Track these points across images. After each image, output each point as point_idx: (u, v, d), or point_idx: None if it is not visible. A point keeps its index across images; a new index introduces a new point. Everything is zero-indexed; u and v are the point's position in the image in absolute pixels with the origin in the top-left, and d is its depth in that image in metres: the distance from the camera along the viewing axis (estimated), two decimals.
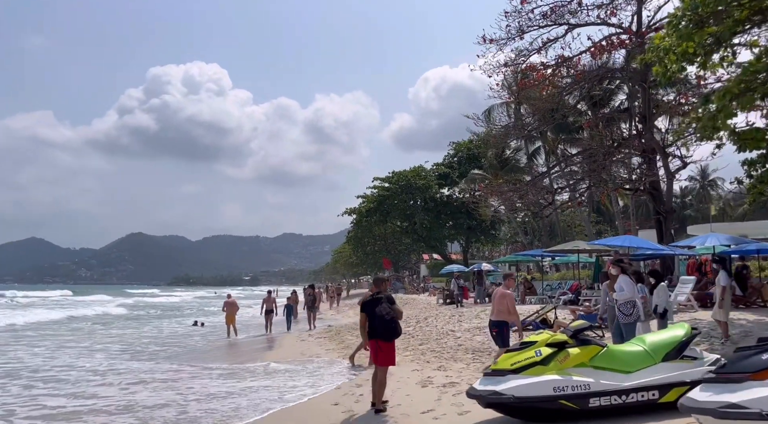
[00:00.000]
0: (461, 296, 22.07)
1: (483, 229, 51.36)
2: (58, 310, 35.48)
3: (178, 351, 15.24)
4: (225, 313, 18.80)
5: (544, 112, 23.41)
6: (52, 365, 12.42)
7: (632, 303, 7.71)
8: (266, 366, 11.17)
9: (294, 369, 10.64)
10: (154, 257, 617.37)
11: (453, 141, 52.96)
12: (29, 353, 14.60)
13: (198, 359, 13.22)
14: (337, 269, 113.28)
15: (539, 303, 17.78)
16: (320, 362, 11.32)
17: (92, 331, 22.26)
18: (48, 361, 13.07)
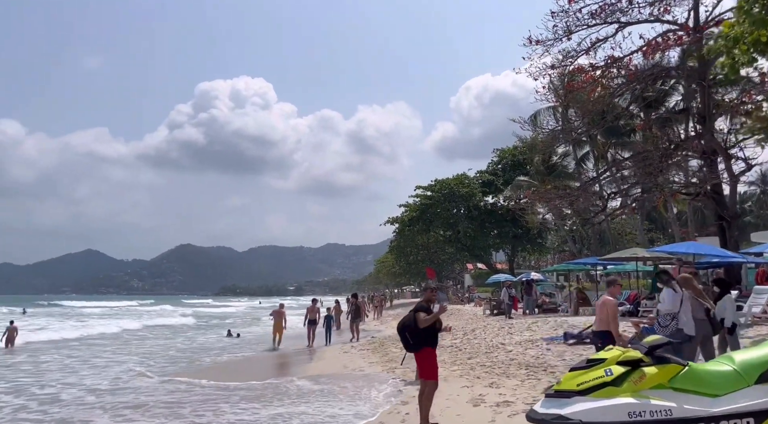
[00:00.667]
0: (512, 307, 21.20)
1: (529, 237, 50.08)
2: (135, 319, 37.03)
3: (204, 365, 14.90)
4: (273, 322, 18.81)
5: (593, 116, 22.54)
6: (60, 380, 12.00)
7: (671, 315, 7.41)
8: (290, 382, 10.46)
9: (330, 390, 9.68)
10: (203, 268, 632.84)
11: (497, 148, 52.08)
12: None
13: (220, 374, 12.52)
14: (380, 278, 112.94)
15: (594, 315, 16.86)
16: (362, 377, 10.73)
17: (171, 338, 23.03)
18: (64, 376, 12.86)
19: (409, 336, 6.46)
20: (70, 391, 10.70)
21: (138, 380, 11.89)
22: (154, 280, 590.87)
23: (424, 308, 6.55)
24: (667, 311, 7.46)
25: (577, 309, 18.97)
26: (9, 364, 15.24)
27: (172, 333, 26.89)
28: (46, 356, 17.12)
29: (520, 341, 12.72)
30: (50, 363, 15.31)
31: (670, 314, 7.42)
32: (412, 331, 6.41)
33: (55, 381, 11.93)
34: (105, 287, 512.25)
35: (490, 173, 49.96)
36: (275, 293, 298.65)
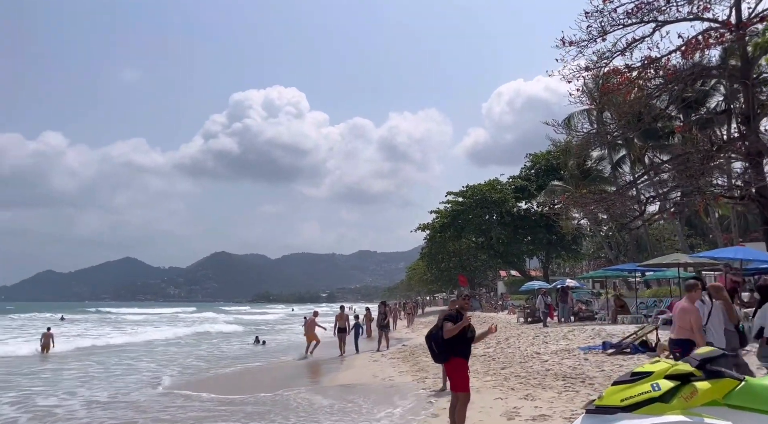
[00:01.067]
0: (547, 315, 20.59)
1: (564, 244, 49.05)
2: (184, 326, 37.87)
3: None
4: (305, 329, 18.73)
5: (630, 118, 21.90)
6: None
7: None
8: (307, 392, 10.03)
9: (349, 408, 8.77)
10: (237, 275, 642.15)
11: (530, 153, 51.26)
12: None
13: (230, 385, 12.20)
14: (412, 285, 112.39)
15: (634, 323, 16.22)
16: (391, 387, 10.32)
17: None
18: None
19: (435, 346, 6.16)
20: (68, 403, 10.39)
21: (139, 392, 11.48)
22: (189, 287, 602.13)
23: (452, 316, 6.16)
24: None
25: (616, 317, 18.29)
26: (31, 371, 15.26)
27: (219, 340, 27.12)
28: (72, 363, 17.13)
29: (557, 351, 12.26)
30: (71, 371, 15.17)
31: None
32: (438, 340, 6.10)
33: (62, 391, 11.69)
34: (142, 294, 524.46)
35: (523, 179, 49.17)
36: (308, 300, 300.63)
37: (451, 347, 6.03)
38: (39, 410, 9.91)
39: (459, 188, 50.32)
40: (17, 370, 15.52)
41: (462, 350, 6.12)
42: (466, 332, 6.15)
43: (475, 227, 48.48)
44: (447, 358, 6.14)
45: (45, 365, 17.11)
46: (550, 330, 17.18)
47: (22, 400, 10.89)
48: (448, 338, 5.97)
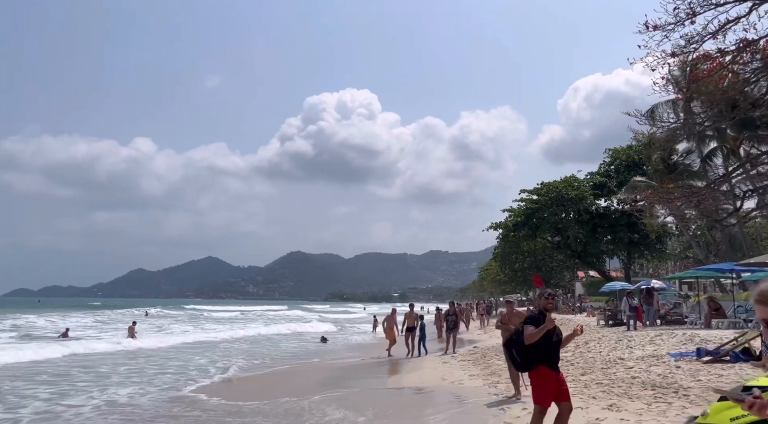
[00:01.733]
0: (635, 318, 19.01)
1: (647, 243, 46.27)
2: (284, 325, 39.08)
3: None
4: (384, 328, 18.52)
5: (722, 107, 20.11)
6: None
7: None
8: (319, 403, 9.03)
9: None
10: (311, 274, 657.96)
11: (609, 148, 48.75)
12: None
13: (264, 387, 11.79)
14: (484, 286, 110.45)
15: (731, 328, 14.75)
16: (460, 391, 9.66)
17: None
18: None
19: (516, 353, 5.44)
20: (92, 402, 10.19)
21: (152, 395, 10.92)
22: (267, 285, 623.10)
23: (534, 318, 5.39)
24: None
25: (710, 321, 16.74)
26: (91, 366, 15.23)
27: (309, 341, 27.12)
28: (135, 360, 17.21)
29: (643, 357, 11.24)
30: (127, 367, 15.22)
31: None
32: (520, 347, 5.37)
33: (98, 388, 11.60)
34: (223, 291, 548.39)
35: (602, 175, 46.80)
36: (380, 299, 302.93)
37: (534, 353, 5.30)
38: (60, 408, 9.68)
39: (533, 186, 48.47)
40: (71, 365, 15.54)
41: (547, 356, 5.38)
42: (551, 335, 5.39)
43: (550, 225, 46.58)
44: (530, 366, 5.40)
45: (116, 359, 17.30)
46: (634, 334, 15.96)
47: (56, 394, 10.91)
48: (530, 343, 5.25)
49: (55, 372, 14.06)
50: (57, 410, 9.57)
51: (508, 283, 77.23)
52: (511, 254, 60.64)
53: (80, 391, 11.41)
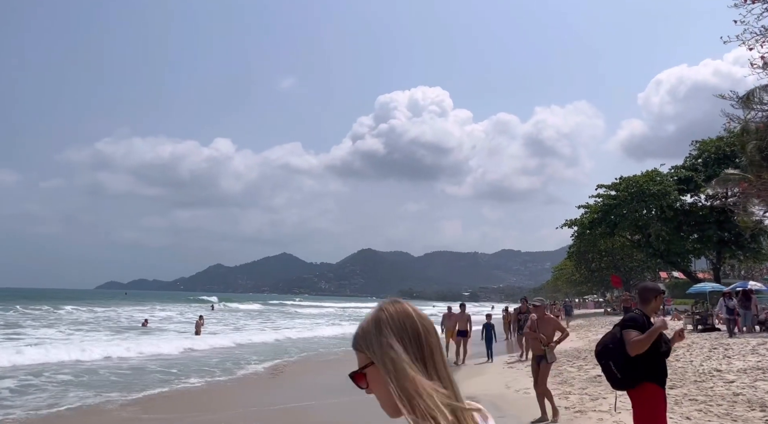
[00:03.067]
0: (734, 322, 16.88)
1: (740, 242, 42.49)
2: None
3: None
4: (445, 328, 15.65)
5: None
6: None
7: None
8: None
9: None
10: (381, 272, 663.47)
11: (696, 140, 45.13)
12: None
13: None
14: (559, 286, 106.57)
15: None
16: (520, 403, 8.46)
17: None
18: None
19: (614, 366, 4.12)
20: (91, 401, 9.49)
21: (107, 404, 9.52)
22: (339, 282, 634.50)
23: (636, 321, 4.13)
24: None
25: None
26: (133, 367, 14.16)
27: None
28: (174, 361, 15.79)
29: (745, 369, 9.64)
30: (150, 372, 13.58)
31: None
32: (618, 358, 4.09)
33: (103, 390, 10.78)
34: (297, 287, 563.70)
35: (687, 169, 43.34)
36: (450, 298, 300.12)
37: (639, 366, 4.05)
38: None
39: (611, 181, 45.59)
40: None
41: (655, 370, 4.13)
42: (659, 343, 4.15)
43: (630, 222, 43.61)
44: (634, 382, 4.10)
45: (160, 359, 15.83)
46: (731, 342, 14.10)
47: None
48: (637, 353, 4.02)
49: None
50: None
51: (584, 283, 74.22)
52: (587, 253, 57.75)
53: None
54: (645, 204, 43.03)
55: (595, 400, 7.64)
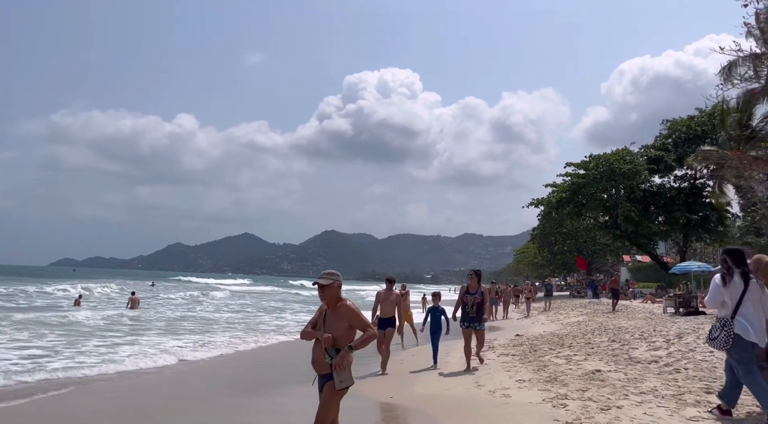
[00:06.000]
0: None
1: (706, 225, 41.66)
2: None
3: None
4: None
5: None
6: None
7: (721, 321, 5.18)
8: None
9: None
10: (345, 254, 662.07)
11: (667, 119, 43.88)
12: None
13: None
14: (520, 270, 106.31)
15: None
16: (502, 415, 5.91)
17: None
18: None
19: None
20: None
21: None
22: (301, 263, 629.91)
23: None
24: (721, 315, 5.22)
25: None
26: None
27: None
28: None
29: None
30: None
31: (721, 319, 5.20)
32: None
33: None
34: (259, 267, 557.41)
35: (658, 148, 42.04)
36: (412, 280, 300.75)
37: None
38: None
39: (580, 159, 43.98)
40: None
41: None
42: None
43: (598, 202, 42.10)
44: None
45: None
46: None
47: None
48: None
49: None
50: None
51: (546, 266, 73.34)
52: (551, 235, 56.53)
53: None
54: (614, 184, 41.55)
55: (607, 411, 5.30)
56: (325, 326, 4.14)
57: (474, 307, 8.95)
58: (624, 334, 12.20)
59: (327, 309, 4.21)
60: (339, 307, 4.15)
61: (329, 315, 4.19)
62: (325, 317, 4.22)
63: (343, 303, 4.18)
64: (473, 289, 9.07)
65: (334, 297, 4.18)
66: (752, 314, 4.99)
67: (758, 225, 48.46)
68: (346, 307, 4.15)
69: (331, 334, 4.02)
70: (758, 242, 47.62)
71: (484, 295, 9.11)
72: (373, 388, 7.89)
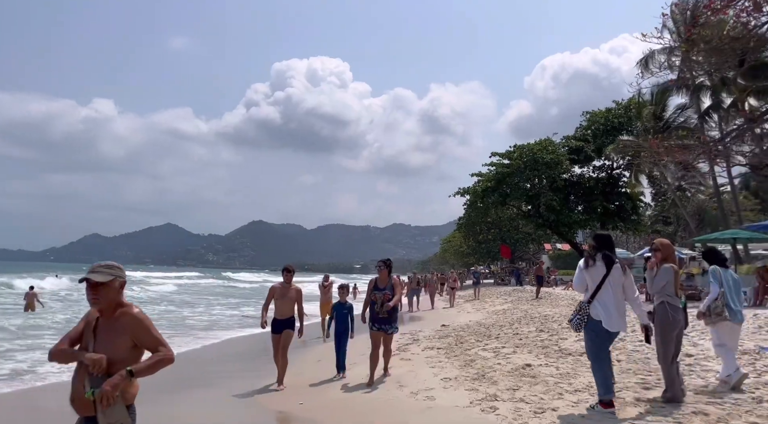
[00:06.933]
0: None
1: (622, 214, 43.36)
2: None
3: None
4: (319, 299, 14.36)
5: (729, 55, 16.48)
6: None
7: (580, 304, 5.21)
8: None
9: None
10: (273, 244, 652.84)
11: (587, 111, 45.19)
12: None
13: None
14: (446, 259, 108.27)
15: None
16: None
17: None
18: None
19: None
20: None
21: None
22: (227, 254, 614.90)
23: None
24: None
25: (762, 298, 13.04)
26: None
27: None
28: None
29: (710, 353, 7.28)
30: None
31: (581, 302, 5.20)
32: None
33: None
34: (183, 259, 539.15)
35: (578, 139, 43.20)
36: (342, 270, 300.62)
37: None
38: None
39: (505, 149, 44.62)
40: None
41: None
42: None
43: (522, 192, 42.88)
44: None
45: None
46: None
47: None
48: None
49: None
50: None
51: (471, 255, 74.76)
52: (476, 224, 57.45)
53: None
54: (537, 173, 42.38)
55: (541, 414, 4.69)
56: (95, 344, 2.81)
57: (383, 305, 7.29)
58: (551, 323, 11.93)
59: (100, 318, 2.89)
60: (119, 316, 2.86)
61: (102, 327, 2.86)
62: (96, 329, 2.85)
63: (126, 311, 2.89)
64: (383, 283, 7.45)
65: (113, 301, 2.86)
66: (610, 299, 4.94)
67: (666, 214, 51.36)
68: (131, 316, 2.87)
69: (103, 355, 2.73)
70: (666, 230, 50.46)
71: (395, 289, 7.43)
72: (269, 401, 6.90)
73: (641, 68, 27.98)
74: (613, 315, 4.92)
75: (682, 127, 28.82)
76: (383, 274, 7.47)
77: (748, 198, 42.49)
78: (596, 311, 4.95)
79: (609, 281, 4.96)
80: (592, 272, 5.05)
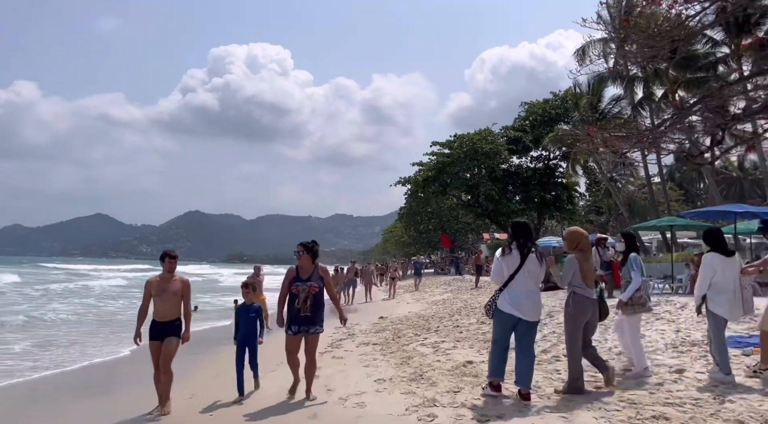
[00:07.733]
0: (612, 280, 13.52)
1: (558, 203, 44.23)
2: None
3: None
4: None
5: (662, 45, 16.64)
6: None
7: (495, 292, 5.27)
8: None
9: None
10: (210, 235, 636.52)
11: (525, 101, 45.72)
12: None
13: None
14: (387, 249, 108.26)
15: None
16: None
17: None
18: None
19: None
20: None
21: None
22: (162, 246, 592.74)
23: None
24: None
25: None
26: None
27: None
28: None
29: (674, 344, 6.92)
30: None
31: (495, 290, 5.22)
32: None
33: None
34: (114, 251, 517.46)
35: (516, 130, 43.69)
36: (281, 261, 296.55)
37: None
38: None
39: (446, 138, 44.59)
40: None
41: None
42: None
43: (462, 182, 43.01)
44: None
45: None
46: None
47: None
48: None
49: None
50: None
51: (412, 245, 74.87)
52: (417, 214, 57.45)
53: None
54: (477, 163, 42.57)
55: (485, 423, 4.05)
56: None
57: (308, 301, 5.59)
58: None
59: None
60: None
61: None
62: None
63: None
64: (305, 272, 5.76)
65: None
66: (521, 288, 4.91)
67: (599, 204, 52.88)
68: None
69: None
70: (598, 220, 52.00)
71: (324, 281, 5.83)
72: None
73: (578, 58, 28.33)
74: (524, 304, 4.88)
75: (617, 117, 29.40)
76: (305, 261, 5.79)
77: (673, 189, 44.26)
78: (502, 299, 4.96)
79: (524, 269, 4.90)
80: (508, 260, 4.99)
